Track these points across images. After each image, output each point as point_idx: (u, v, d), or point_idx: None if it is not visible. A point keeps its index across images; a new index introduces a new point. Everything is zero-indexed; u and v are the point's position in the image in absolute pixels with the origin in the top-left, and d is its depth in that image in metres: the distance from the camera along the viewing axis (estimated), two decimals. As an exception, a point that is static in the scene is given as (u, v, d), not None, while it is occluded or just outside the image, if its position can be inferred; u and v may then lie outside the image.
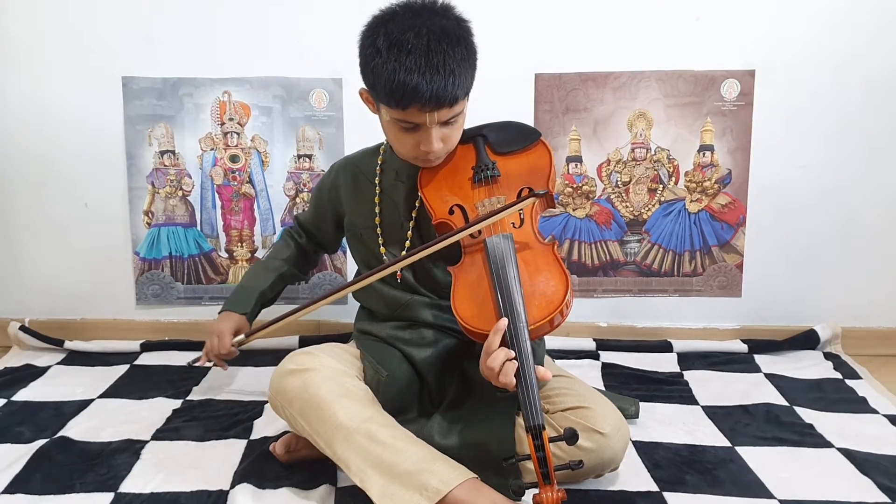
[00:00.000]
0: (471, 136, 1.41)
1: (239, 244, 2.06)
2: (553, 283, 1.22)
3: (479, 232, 1.30)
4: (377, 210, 1.44)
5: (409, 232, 1.41)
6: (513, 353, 1.13)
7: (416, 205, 1.40)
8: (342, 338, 1.91)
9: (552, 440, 1.12)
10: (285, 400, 1.28)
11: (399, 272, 1.40)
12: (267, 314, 1.61)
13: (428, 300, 1.41)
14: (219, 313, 1.60)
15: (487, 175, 1.36)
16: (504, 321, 1.14)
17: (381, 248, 1.43)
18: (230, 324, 1.56)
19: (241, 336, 1.55)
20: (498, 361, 1.12)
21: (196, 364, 1.64)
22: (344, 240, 1.60)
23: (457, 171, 1.39)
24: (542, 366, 1.36)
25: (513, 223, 1.31)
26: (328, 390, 1.25)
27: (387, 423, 1.24)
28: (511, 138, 1.41)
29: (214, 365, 1.62)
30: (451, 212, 1.34)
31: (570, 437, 1.11)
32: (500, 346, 1.14)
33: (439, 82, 1.19)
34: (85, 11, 1.94)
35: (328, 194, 1.56)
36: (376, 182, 1.45)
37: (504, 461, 1.17)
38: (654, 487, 1.33)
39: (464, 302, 1.24)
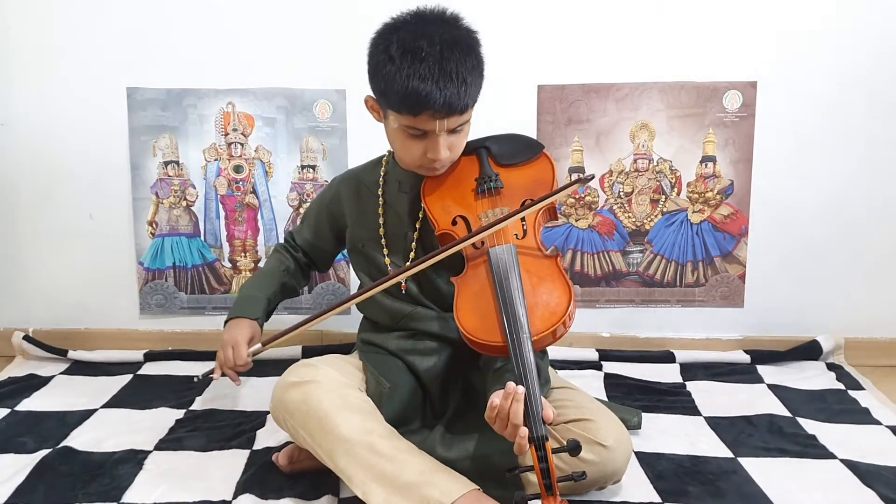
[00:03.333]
0: (474, 148, 1.41)
1: (242, 254, 2.07)
2: (556, 295, 1.22)
3: (483, 242, 1.30)
4: (381, 221, 1.44)
5: (413, 243, 1.41)
6: (526, 431, 1.10)
7: (420, 215, 1.40)
8: (345, 347, 1.91)
9: (555, 451, 1.12)
10: (287, 412, 1.28)
11: (404, 283, 1.41)
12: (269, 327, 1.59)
13: (431, 312, 1.41)
14: (225, 322, 1.50)
15: (490, 186, 1.36)
16: (514, 387, 1.10)
17: (386, 259, 1.43)
18: (245, 331, 1.45)
19: (258, 345, 1.44)
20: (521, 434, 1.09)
21: (205, 379, 1.47)
22: (342, 254, 1.58)
23: (460, 183, 1.39)
24: (548, 379, 1.36)
25: (516, 234, 1.31)
26: (330, 403, 1.25)
27: (388, 435, 1.24)
28: (514, 150, 1.41)
29: (212, 376, 1.46)
30: (454, 223, 1.34)
31: (573, 448, 1.11)
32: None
33: (452, 90, 1.21)
34: (90, 23, 1.95)
35: (329, 207, 1.55)
36: (379, 193, 1.46)
37: (507, 472, 1.16)
38: (656, 499, 1.33)
39: (467, 313, 1.24)
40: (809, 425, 1.62)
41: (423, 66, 1.20)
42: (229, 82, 1.98)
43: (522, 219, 1.32)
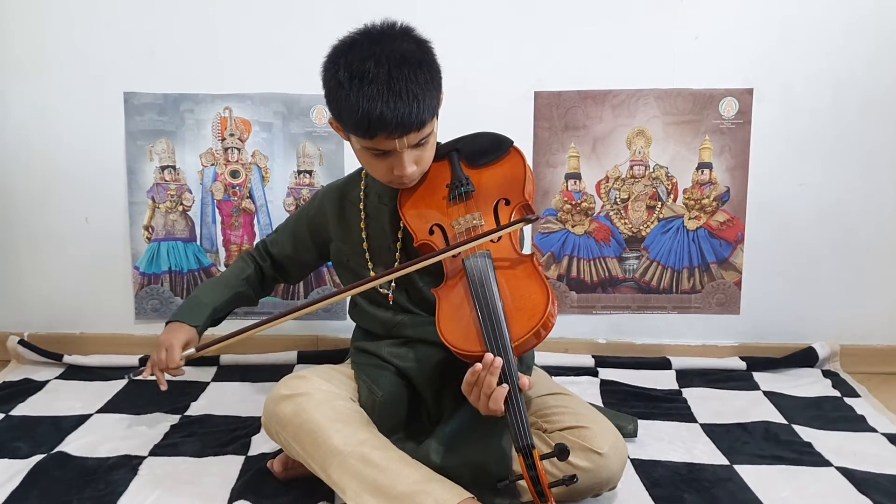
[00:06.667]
0: (445, 152, 1.40)
1: (238, 259, 2.07)
2: (534, 297, 1.21)
3: (458, 252, 1.30)
4: (364, 235, 1.44)
5: (397, 254, 1.41)
6: (506, 387, 1.12)
7: (401, 226, 1.40)
8: (340, 353, 1.92)
9: (543, 457, 1.12)
10: (280, 425, 1.28)
11: (391, 295, 1.41)
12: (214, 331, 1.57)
13: (421, 318, 1.40)
14: (166, 323, 1.51)
15: (461, 192, 1.35)
16: (492, 357, 1.12)
17: (371, 272, 1.42)
18: (181, 336, 1.46)
19: (191, 350, 1.46)
20: (498, 401, 1.12)
21: (137, 377, 1.51)
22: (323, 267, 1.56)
23: (433, 190, 1.38)
24: (529, 366, 1.36)
25: (491, 239, 1.30)
26: (322, 414, 1.24)
27: (381, 446, 1.23)
28: (483, 149, 1.40)
29: (142, 375, 1.48)
30: (430, 232, 1.34)
31: (561, 452, 1.11)
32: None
33: (403, 109, 1.19)
34: (88, 28, 1.95)
35: (312, 220, 1.54)
36: (361, 207, 1.45)
37: (498, 482, 1.16)
38: (652, 506, 1.33)
39: (449, 324, 1.23)
40: (805, 433, 1.62)
41: (371, 88, 1.18)
42: (226, 87, 1.98)
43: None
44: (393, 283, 1.41)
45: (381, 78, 1.19)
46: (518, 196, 1.33)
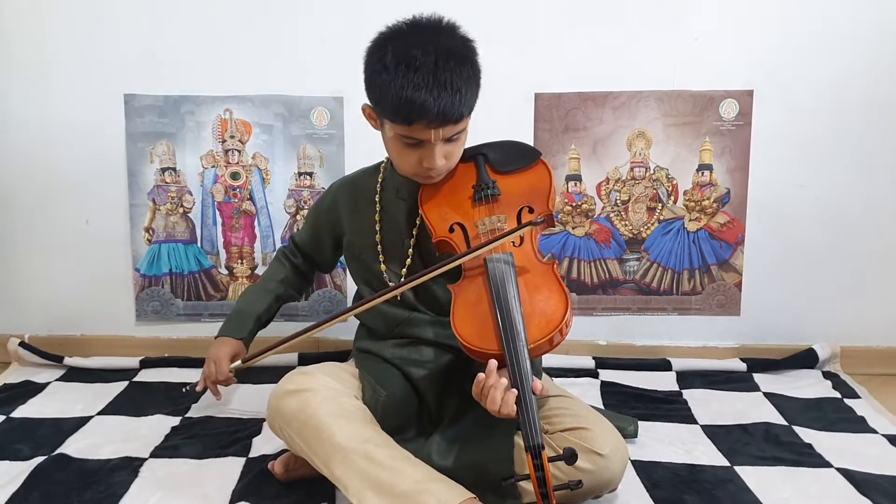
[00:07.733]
0: (471, 155, 1.41)
1: (239, 261, 2.07)
2: (553, 303, 1.22)
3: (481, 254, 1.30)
4: (377, 228, 1.44)
5: (410, 249, 1.41)
6: (515, 392, 1.12)
7: (417, 222, 1.40)
8: (341, 355, 1.91)
9: (551, 460, 1.12)
10: (283, 420, 1.28)
11: None
12: (263, 334, 1.61)
13: (427, 317, 1.40)
14: (215, 338, 1.56)
15: (488, 194, 1.36)
16: (483, 379, 1.15)
17: (382, 265, 1.43)
18: (227, 349, 1.52)
19: (238, 362, 1.51)
20: (508, 404, 1.13)
21: (192, 390, 1.55)
22: (342, 258, 1.59)
23: (457, 190, 1.39)
24: (539, 371, 1.37)
25: (513, 242, 1.31)
26: (326, 411, 1.25)
27: (385, 444, 1.24)
28: (511, 157, 1.41)
29: (197, 389, 1.54)
30: (451, 230, 1.34)
31: (570, 456, 1.11)
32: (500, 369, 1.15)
33: (446, 99, 1.20)
34: (88, 29, 1.95)
35: (326, 214, 1.55)
36: (376, 200, 1.46)
37: (502, 481, 1.17)
38: (652, 508, 1.33)
39: (464, 321, 1.24)
40: (805, 434, 1.63)
41: (417, 76, 1.20)
42: (227, 89, 1.98)
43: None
44: (402, 280, 1.41)
45: (427, 66, 1.20)
46: (542, 206, 1.34)
